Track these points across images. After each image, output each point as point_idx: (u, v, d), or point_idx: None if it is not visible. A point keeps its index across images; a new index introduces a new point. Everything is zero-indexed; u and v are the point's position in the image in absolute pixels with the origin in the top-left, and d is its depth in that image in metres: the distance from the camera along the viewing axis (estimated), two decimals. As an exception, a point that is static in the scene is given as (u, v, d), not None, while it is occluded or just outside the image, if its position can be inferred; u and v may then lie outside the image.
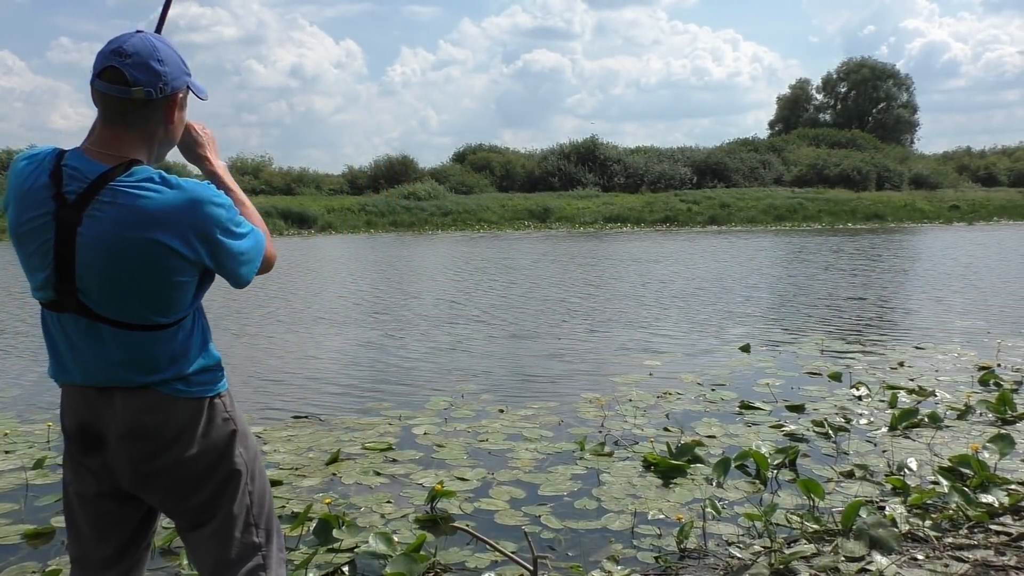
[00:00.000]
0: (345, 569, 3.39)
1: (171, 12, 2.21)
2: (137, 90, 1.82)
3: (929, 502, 3.92)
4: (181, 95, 1.94)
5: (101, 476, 2.00)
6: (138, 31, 1.90)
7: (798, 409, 5.82)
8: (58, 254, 1.84)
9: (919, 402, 5.92)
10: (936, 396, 6.10)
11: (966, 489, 3.96)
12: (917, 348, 8.10)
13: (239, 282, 2.03)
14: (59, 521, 3.68)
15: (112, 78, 1.83)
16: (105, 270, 1.83)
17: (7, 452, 5.02)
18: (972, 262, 17.49)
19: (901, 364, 7.33)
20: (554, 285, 14.16)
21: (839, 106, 62.53)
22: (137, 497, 2.05)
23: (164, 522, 2.95)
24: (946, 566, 3.30)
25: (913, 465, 4.49)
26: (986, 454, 4.46)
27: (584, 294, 12.88)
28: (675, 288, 13.44)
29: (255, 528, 2.11)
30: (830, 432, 5.14)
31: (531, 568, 3.14)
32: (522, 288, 13.79)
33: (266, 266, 2.11)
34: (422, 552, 3.41)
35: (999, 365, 7.13)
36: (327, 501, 3.98)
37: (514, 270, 17.08)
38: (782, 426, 5.39)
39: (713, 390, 6.45)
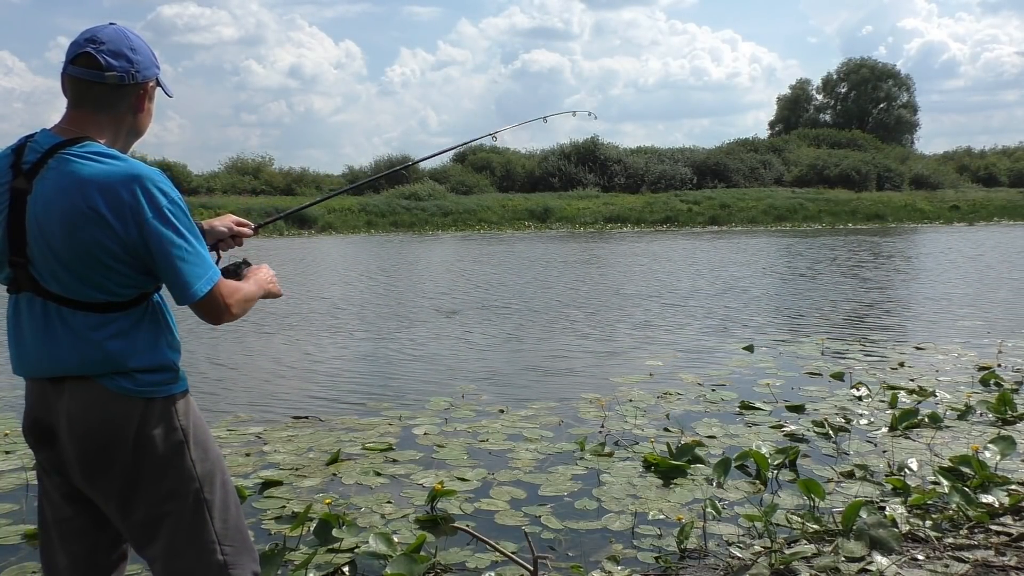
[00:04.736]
0: (345, 569, 3.39)
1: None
2: (111, 75, 1.88)
3: (929, 502, 3.91)
4: (151, 85, 2.00)
5: (51, 472, 1.99)
6: (111, 23, 1.95)
7: (798, 409, 5.81)
8: (10, 222, 1.86)
9: (919, 402, 5.92)
10: (936, 396, 6.10)
11: (966, 489, 3.95)
12: (917, 348, 8.10)
13: (182, 289, 1.88)
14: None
15: (86, 63, 1.88)
16: (46, 237, 1.83)
17: (7, 452, 5.02)
18: (972, 262, 17.49)
19: (901, 364, 7.33)
20: (554, 285, 14.16)
21: (839, 106, 62.49)
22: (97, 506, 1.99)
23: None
24: (946, 566, 3.30)
25: (913, 465, 4.49)
26: (987, 454, 4.46)
27: (584, 294, 12.88)
28: (675, 288, 13.44)
29: (218, 545, 1.99)
30: (830, 432, 5.14)
31: (531, 568, 3.14)
32: (522, 288, 13.79)
33: (214, 308, 1.95)
34: (422, 552, 3.41)
35: (999, 365, 7.13)
36: (327, 501, 3.98)
37: (515, 270, 17.08)
38: (782, 426, 5.39)
39: (713, 390, 6.45)
